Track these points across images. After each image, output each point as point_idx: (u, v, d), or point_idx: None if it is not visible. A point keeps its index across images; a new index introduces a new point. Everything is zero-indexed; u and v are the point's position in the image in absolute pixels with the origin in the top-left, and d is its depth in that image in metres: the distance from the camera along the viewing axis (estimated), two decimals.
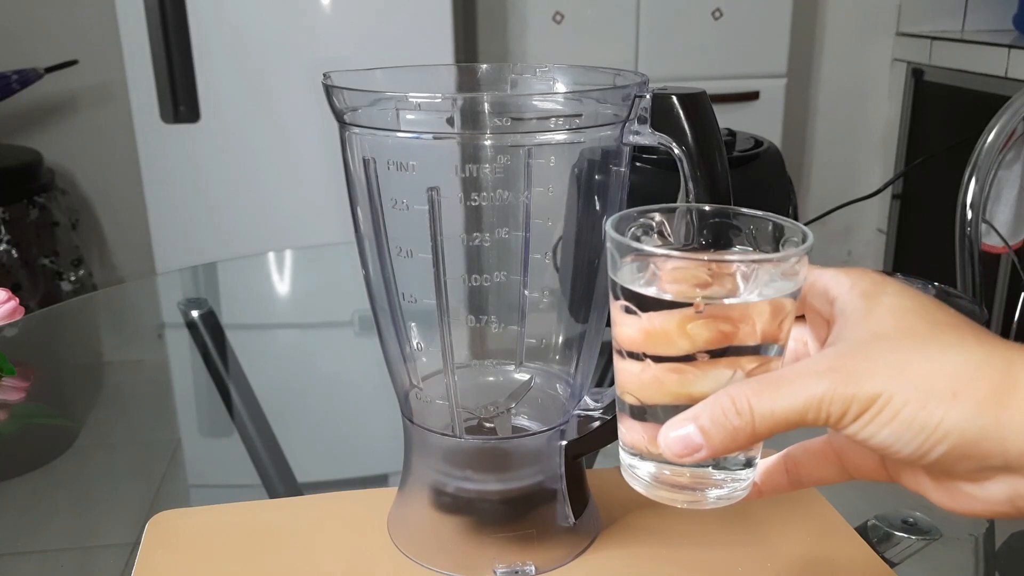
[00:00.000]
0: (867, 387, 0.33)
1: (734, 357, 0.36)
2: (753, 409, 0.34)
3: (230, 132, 1.74)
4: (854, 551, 0.52)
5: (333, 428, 0.76)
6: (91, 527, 0.62)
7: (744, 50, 2.06)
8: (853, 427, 0.33)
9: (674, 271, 0.36)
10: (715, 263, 0.36)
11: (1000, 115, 1.06)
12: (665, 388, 0.37)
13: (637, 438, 0.39)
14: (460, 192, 0.44)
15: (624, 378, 0.38)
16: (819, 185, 2.46)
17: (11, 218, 1.86)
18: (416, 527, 0.52)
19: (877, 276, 0.37)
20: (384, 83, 0.49)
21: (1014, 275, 1.74)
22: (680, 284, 0.36)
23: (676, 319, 0.35)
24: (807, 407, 0.33)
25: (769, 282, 0.35)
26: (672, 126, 0.44)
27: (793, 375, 0.34)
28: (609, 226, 0.38)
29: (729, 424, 0.34)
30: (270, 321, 1.02)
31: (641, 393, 0.38)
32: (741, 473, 0.39)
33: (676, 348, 0.36)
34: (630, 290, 0.36)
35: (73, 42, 2.08)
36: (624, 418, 0.39)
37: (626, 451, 0.40)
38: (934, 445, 0.32)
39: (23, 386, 0.80)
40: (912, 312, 0.35)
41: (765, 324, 0.35)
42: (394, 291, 0.49)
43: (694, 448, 0.35)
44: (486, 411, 0.50)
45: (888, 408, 0.32)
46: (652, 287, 0.36)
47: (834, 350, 0.35)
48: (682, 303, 0.35)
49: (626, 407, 0.39)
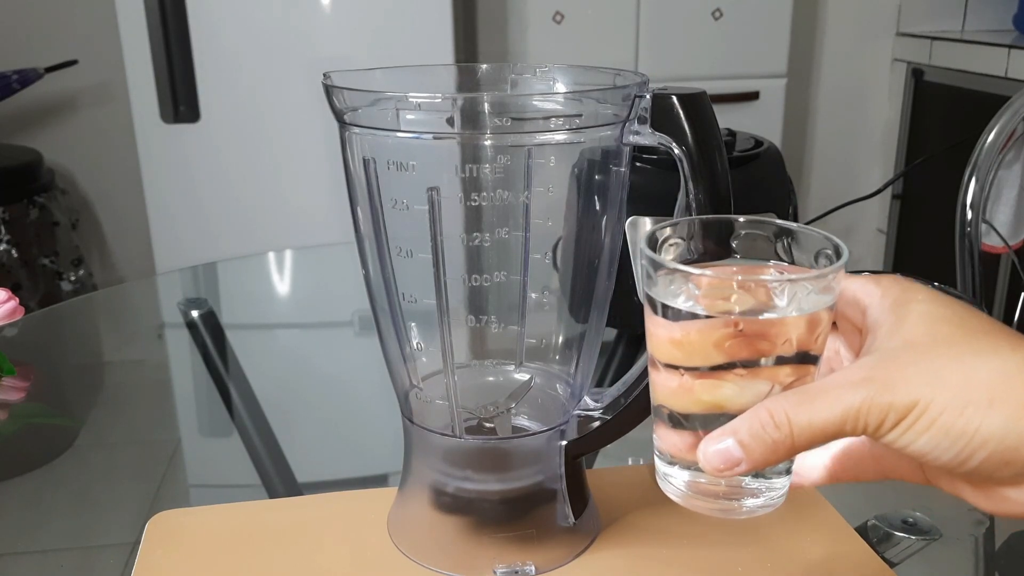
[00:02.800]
0: (903, 395, 0.33)
1: (771, 369, 0.36)
2: (791, 421, 0.34)
3: (230, 132, 1.74)
4: (854, 551, 0.52)
5: (333, 428, 0.76)
6: (91, 527, 0.62)
7: (744, 50, 2.06)
8: (891, 435, 0.33)
9: (710, 286, 0.36)
10: (750, 281, 0.36)
11: (1000, 115, 1.06)
12: (701, 399, 0.37)
13: (673, 446, 0.39)
14: (460, 192, 0.44)
15: (660, 389, 0.38)
16: (819, 185, 2.46)
17: (11, 218, 1.86)
18: (416, 527, 0.52)
19: (907, 283, 0.37)
20: (384, 83, 0.49)
21: (1014, 275, 1.74)
22: (716, 300, 0.36)
23: (713, 334, 0.35)
24: (845, 418, 0.33)
25: (806, 297, 0.35)
26: (672, 126, 0.44)
27: (829, 386, 0.34)
28: (642, 242, 0.38)
29: (768, 437, 0.34)
30: (270, 321, 1.02)
31: (676, 403, 0.38)
32: (777, 482, 0.39)
33: (712, 360, 0.36)
34: (666, 305, 0.36)
35: (73, 42, 2.08)
36: (659, 427, 0.39)
37: (661, 460, 0.40)
38: (973, 452, 0.32)
39: (23, 386, 0.80)
40: (945, 319, 0.35)
41: (802, 337, 0.35)
42: (394, 291, 0.49)
43: (734, 462, 0.35)
44: (486, 411, 0.50)
45: (925, 416, 0.32)
46: (688, 302, 0.36)
47: (869, 360, 0.35)
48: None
49: (662, 416, 0.39)
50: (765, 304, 0.35)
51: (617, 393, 0.50)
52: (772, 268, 0.39)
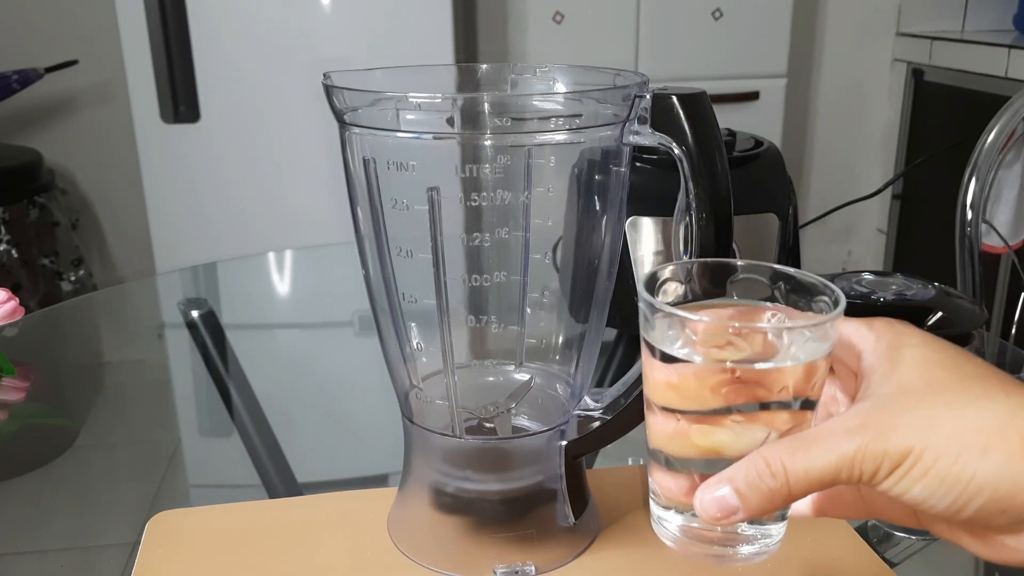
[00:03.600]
0: (897, 443, 0.33)
1: (768, 414, 0.36)
2: (787, 470, 0.34)
3: (230, 132, 1.74)
4: (854, 551, 0.52)
5: (333, 428, 0.76)
6: (91, 527, 0.62)
7: (744, 50, 2.06)
8: (886, 483, 0.33)
9: (707, 332, 0.36)
10: (747, 329, 0.36)
11: (1000, 115, 1.06)
12: (697, 445, 0.37)
13: (668, 490, 0.39)
14: (460, 192, 0.44)
15: (656, 433, 0.38)
16: (819, 185, 2.46)
17: (11, 218, 1.86)
18: (416, 527, 0.52)
19: (900, 327, 0.37)
20: (384, 83, 0.49)
21: (1014, 275, 1.74)
22: (712, 347, 0.36)
23: (709, 379, 0.35)
24: (840, 466, 0.33)
25: (803, 344, 0.35)
26: (672, 126, 0.44)
27: (824, 434, 0.34)
28: (641, 286, 0.38)
29: (765, 486, 0.34)
30: (270, 321, 1.02)
31: (672, 448, 0.38)
32: (773, 528, 0.39)
33: (708, 405, 0.36)
34: (662, 351, 0.37)
35: (73, 42, 2.08)
36: (655, 470, 0.39)
37: (656, 503, 0.40)
38: (969, 500, 0.32)
39: (23, 386, 0.80)
40: (938, 364, 0.35)
41: (799, 384, 0.35)
42: (394, 291, 0.49)
43: (731, 511, 0.35)
44: (486, 411, 0.50)
45: (920, 464, 0.32)
46: (685, 348, 0.36)
47: (863, 406, 0.35)
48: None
49: (657, 459, 0.39)
50: (763, 351, 0.35)
51: (617, 393, 0.50)
52: (770, 310, 0.39)
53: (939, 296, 0.78)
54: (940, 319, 0.75)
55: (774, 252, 0.82)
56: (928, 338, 0.36)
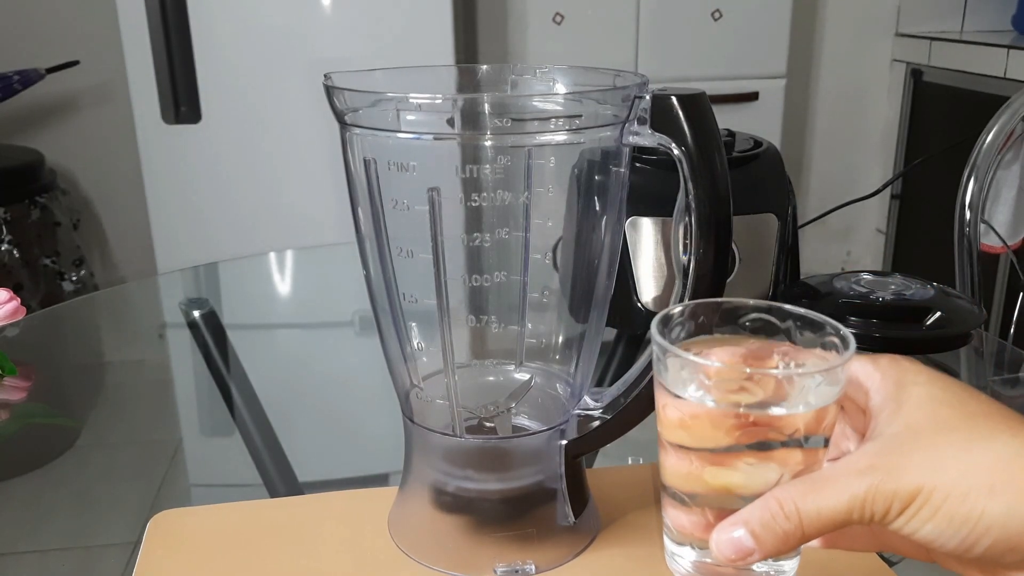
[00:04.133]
0: (907, 483, 0.33)
1: (780, 454, 0.36)
2: (800, 511, 0.34)
3: (231, 133, 1.74)
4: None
5: (334, 428, 0.76)
6: (91, 527, 0.62)
7: (744, 50, 2.06)
8: (897, 523, 0.34)
9: (719, 376, 0.37)
10: (760, 374, 0.36)
11: (999, 115, 1.06)
12: (710, 484, 0.37)
13: (682, 526, 0.39)
14: (460, 192, 0.45)
15: (669, 471, 0.39)
16: (819, 185, 2.46)
17: (12, 218, 1.86)
18: (416, 526, 0.52)
19: (905, 363, 0.38)
20: (384, 84, 0.49)
21: (1013, 275, 1.74)
22: (726, 391, 0.36)
23: (723, 422, 0.36)
24: (851, 507, 0.34)
25: (815, 389, 0.36)
26: (672, 127, 0.44)
27: (835, 475, 0.35)
28: (653, 327, 0.38)
29: (779, 528, 0.35)
30: (271, 321, 1.02)
31: (685, 485, 0.38)
32: (786, 564, 0.39)
33: (721, 444, 0.36)
34: (675, 393, 0.37)
35: (74, 42, 2.08)
36: (668, 506, 0.40)
37: (670, 538, 0.40)
38: (978, 539, 0.32)
39: (24, 386, 0.80)
40: (943, 403, 0.35)
41: (810, 426, 0.36)
42: (395, 291, 0.49)
43: (746, 552, 0.35)
44: (486, 411, 0.50)
45: (929, 504, 0.33)
46: (698, 392, 0.37)
47: (872, 447, 0.35)
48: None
49: (671, 495, 0.39)
50: (775, 395, 0.36)
51: (617, 393, 0.50)
52: (781, 348, 0.40)
53: (938, 296, 0.78)
54: (939, 319, 0.76)
55: (773, 252, 0.83)
56: (933, 375, 0.37)
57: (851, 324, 0.73)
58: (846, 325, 0.38)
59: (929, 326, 0.75)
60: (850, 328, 0.38)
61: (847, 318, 0.74)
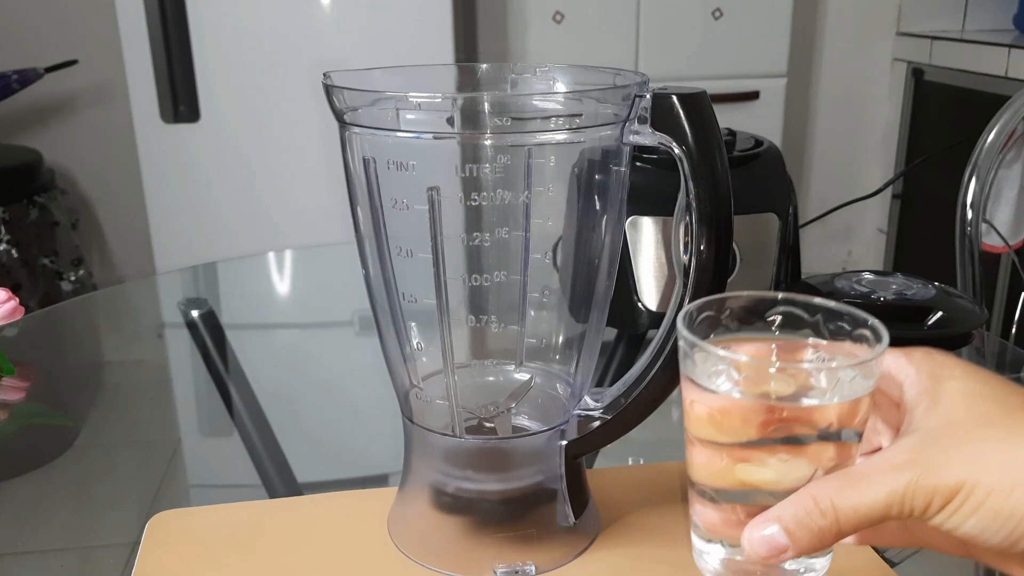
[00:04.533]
0: (948, 477, 0.33)
1: (813, 449, 0.36)
2: (836, 508, 0.34)
3: (230, 132, 1.74)
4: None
5: (333, 428, 0.76)
6: (91, 527, 0.62)
7: (744, 50, 2.06)
8: (938, 518, 0.33)
9: (750, 370, 0.36)
10: (791, 368, 0.36)
11: (1000, 115, 1.06)
12: (740, 480, 0.37)
13: (710, 524, 0.38)
14: (460, 192, 0.44)
15: (697, 468, 0.38)
16: (819, 185, 2.46)
17: (11, 218, 1.86)
18: (416, 527, 0.52)
19: (940, 357, 0.37)
20: (384, 83, 0.49)
21: (1014, 275, 1.74)
22: (756, 384, 0.36)
23: (753, 417, 0.35)
24: (890, 502, 0.33)
25: (849, 383, 0.35)
26: (672, 126, 0.44)
27: (872, 470, 0.34)
28: (680, 322, 0.38)
29: (814, 524, 0.34)
30: (270, 321, 1.02)
31: (714, 482, 0.38)
32: (817, 562, 0.39)
33: (752, 438, 0.36)
34: (704, 387, 0.36)
35: (73, 42, 2.08)
36: (696, 503, 0.39)
37: (698, 535, 0.40)
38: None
39: (23, 386, 0.80)
40: (983, 396, 0.35)
41: (843, 419, 0.35)
42: (394, 291, 0.49)
43: (780, 549, 0.35)
44: (486, 411, 0.50)
45: (972, 498, 0.32)
46: (728, 385, 0.36)
47: (910, 441, 0.35)
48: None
49: (699, 492, 0.39)
50: (806, 387, 0.35)
51: (617, 393, 0.50)
52: (810, 345, 0.39)
53: (939, 296, 0.78)
54: (940, 319, 0.75)
55: (774, 252, 0.82)
56: (969, 368, 0.36)
57: None
58: None
59: (930, 326, 0.75)
60: None
61: None
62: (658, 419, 0.51)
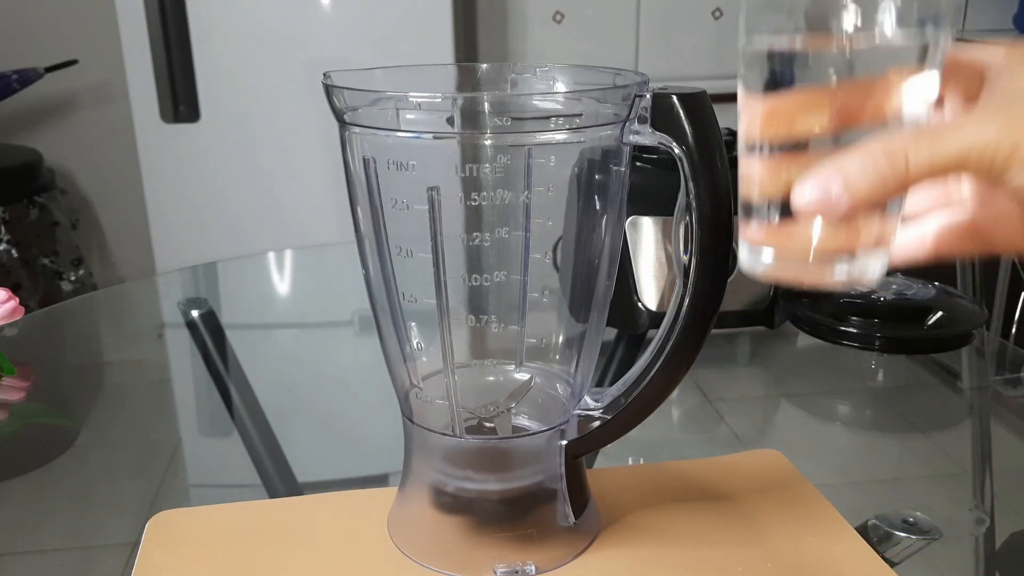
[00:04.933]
0: None
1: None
2: (908, 156, 0.31)
3: (230, 132, 1.74)
4: (854, 551, 0.52)
5: (333, 428, 0.76)
6: (91, 527, 0.62)
7: None
8: (1020, 173, 0.31)
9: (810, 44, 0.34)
10: None
11: None
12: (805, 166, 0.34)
13: (763, 183, 0.36)
14: (460, 192, 0.44)
15: (748, 177, 0.36)
16: None
17: (11, 218, 1.86)
18: (416, 527, 0.52)
19: None
20: (384, 83, 0.49)
21: (1014, 275, 1.74)
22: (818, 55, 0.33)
23: (816, 99, 0.33)
24: (972, 148, 0.31)
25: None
26: (672, 125, 0.44)
27: (953, 124, 0.32)
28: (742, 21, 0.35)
29: (877, 169, 0.31)
30: (270, 321, 1.02)
31: (771, 188, 0.35)
32: (871, 261, 0.36)
33: (814, 131, 0.33)
34: (769, 52, 0.34)
35: (73, 42, 2.08)
36: (745, 220, 0.37)
37: (746, 246, 0.38)
38: None
39: (23, 386, 0.80)
40: None
41: (908, 81, 0.33)
42: (394, 291, 0.49)
43: (831, 194, 0.32)
44: (486, 411, 0.50)
45: None
46: (795, 39, 0.33)
47: (995, 100, 0.33)
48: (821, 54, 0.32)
49: (751, 209, 0.37)
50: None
51: (617, 393, 0.50)
52: None
53: (939, 295, 0.78)
54: (940, 319, 0.76)
55: None
56: None
57: (852, 324, 0.73)
58: (848, 325, 0.38)
59: (931, 326, 0.75)
60: (851, 328, 0.37)
61: (849, 318, 0.74)
62: (658, 419, 0.51)
